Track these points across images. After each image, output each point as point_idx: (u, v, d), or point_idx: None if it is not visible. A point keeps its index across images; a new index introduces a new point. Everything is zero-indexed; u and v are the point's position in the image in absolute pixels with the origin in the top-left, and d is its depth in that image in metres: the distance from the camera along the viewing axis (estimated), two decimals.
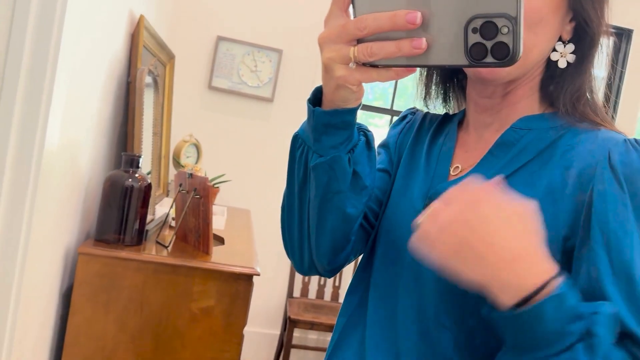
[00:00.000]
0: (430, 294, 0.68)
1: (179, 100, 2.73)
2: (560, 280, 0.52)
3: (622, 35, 3.19)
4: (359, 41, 0.53)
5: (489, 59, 0.49)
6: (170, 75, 2.31)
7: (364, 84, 0.59)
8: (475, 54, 0.49)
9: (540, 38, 0.66)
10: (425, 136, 0.82)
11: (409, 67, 0.53)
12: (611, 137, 0.65)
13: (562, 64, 0.69)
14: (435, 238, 0.54)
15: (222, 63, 2.84)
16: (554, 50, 0.69)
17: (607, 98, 0.81)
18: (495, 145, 0.71)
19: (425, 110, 0.85)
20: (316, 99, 0.64)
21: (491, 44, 0.49)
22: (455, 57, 0.50)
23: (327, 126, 0.63)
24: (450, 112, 0.84)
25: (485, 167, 0.70)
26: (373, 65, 0.54)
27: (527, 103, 0.72)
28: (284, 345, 2.60)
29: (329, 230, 0.71)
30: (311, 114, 0.63)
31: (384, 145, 0.86)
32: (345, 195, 0.68)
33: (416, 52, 0.50)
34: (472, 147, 0.75)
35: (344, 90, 0.58)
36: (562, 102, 0.69)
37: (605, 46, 0.71)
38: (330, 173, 0.65)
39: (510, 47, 0.48)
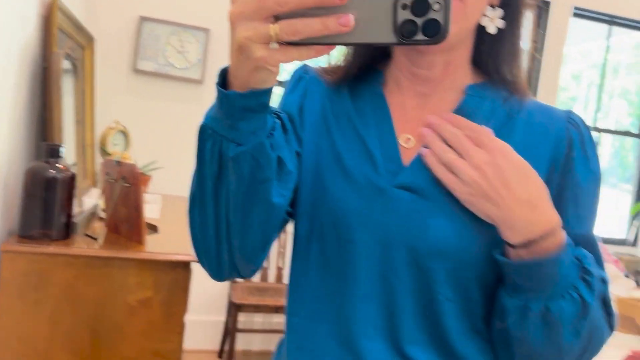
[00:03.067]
0: (399, 262, 0.68)
1: (103, 86, 2.60)
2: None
3: (541, 9, 3.32)
4: (276, 18, 0.48)
5: (419, 36, 0.48)
6: (90, 59, 2.19)
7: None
8: (405, 32, 0.47)
9: (475, 2, 0.67)
10: (339, 102, 0.76)
11: (333, 45, 0.50)
12: (564, 114, 0.72)
13: (491, 30, 0.70)
14: (472, 177, 0.63)
15: (146, 44, 2.73)
16: (484, 15, 0.70)
17: (529, 71, 0.87)
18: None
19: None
20: (224, 81, 0.57)
21: (422, 20, 0.47)
22: (384, 34, 0.48)
23: (244, 110, 0.56)
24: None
25: None
26: (292, 43, 0.50)
27: (463, 72, 0.73)
28: (230, 330, 2.58)
29: (256, 224, 0.64)
30: (224, 98, 0.56)
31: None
32: (271, 184, 0.62)
33: (343, 30, 0.47)
34: (413, 116, 0.73)
35: (263, 71, 0.52)
36: (503, 72, 0.72)
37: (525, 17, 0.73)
38: (253, 162, 0.59)
39: (442, 23, 0.47)
